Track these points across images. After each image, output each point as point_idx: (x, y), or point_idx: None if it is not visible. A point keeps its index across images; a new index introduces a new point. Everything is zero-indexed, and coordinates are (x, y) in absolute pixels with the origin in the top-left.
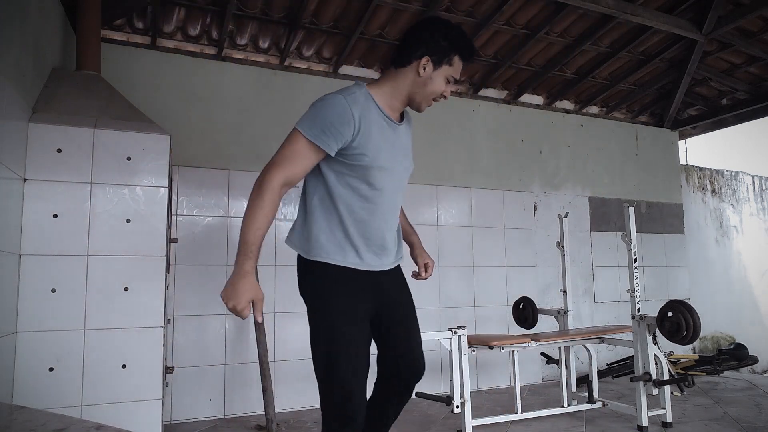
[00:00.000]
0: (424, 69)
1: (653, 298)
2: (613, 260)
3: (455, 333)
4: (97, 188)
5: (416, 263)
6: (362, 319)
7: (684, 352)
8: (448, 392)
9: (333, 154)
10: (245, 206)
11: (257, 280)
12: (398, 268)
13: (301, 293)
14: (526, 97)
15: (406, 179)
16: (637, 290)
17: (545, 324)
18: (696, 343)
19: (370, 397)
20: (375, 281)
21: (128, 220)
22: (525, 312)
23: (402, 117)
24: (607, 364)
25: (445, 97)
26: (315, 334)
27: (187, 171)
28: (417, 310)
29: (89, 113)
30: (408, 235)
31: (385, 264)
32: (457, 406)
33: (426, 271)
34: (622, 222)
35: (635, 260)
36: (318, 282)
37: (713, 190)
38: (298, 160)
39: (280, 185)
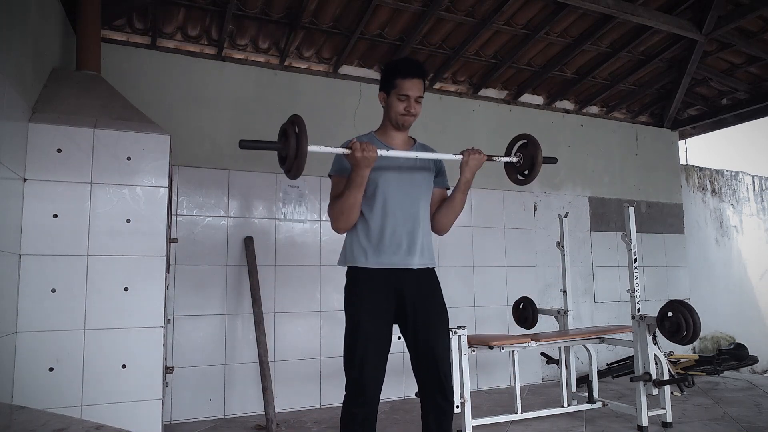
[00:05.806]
0: (383, 101)
1: (653, 298)
2: (613, 260)
3: (455, 333)
4: (97, 188)
5: (462, 169)
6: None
7: (684, 352)
8: None
9: None
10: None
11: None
12: (424, 274)
13: None
14: (526, 97)
15: (416, 188)
16: (637, 290)
17: (545, 324)
18: (696, 343)
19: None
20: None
21: (128, 220)
22: (525, 312)
23: (412, 144)
24: (607, 364)
25: (409, 111)
26: None
27: (187, 171)
28: None
29: (89, 113)
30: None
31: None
32: (457, 406)
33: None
34: (622, 222)
35: (635, 260)
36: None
37: (713, 190)
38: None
39: None
